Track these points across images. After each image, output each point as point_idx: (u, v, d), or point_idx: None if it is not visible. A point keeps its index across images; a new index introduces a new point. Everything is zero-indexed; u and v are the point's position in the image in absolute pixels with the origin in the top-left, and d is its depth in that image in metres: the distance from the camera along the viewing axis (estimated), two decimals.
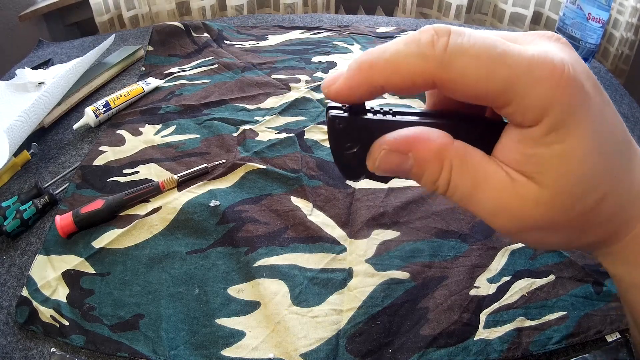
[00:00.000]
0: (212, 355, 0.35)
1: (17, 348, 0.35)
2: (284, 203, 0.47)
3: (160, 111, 0.61)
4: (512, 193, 0.17)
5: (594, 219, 0.18)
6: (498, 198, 0.18)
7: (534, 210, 0.17)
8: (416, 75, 0.17)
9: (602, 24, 0.68)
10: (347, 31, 0.85)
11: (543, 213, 0.18)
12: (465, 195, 0.18)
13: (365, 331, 0.36)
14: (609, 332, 0.35)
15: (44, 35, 0.98)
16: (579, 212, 0.18)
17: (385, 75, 0.17)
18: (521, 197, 0.17)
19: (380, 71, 0.17)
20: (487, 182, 0.18)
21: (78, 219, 0.43)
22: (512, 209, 0.18)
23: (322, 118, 0.59)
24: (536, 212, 0.18)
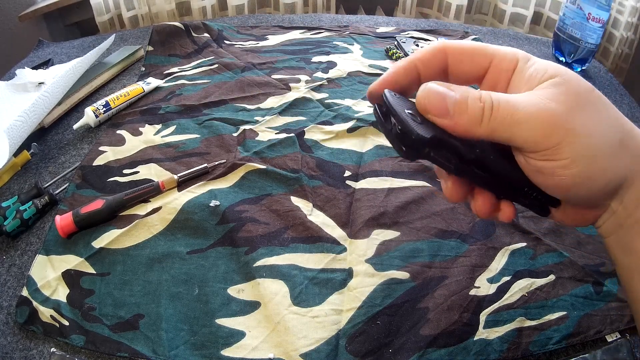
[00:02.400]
0: (212, 355, 0.35)
1: (17, 348, 0.35)
2: (284, 203, 0.47)
3: (160, 111, 0.61)
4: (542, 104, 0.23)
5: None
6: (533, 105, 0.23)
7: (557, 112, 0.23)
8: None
9: (602, 24, 0.68)
10: (347, 31, 0.85)
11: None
12: (506, 107, 0.23)
13: (365, 331, 0.36)
14: (609, 332, 0.35)
15: (44, 35, 0.98)
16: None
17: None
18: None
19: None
20: (519, 99, 0.23)
21: (78, 219, 0.43)
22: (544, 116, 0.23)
23: (322, 118, 0.59)
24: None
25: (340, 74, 0.69)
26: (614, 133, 0.23)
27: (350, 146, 0.55)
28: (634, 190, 0.24)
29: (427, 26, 0.90)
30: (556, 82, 0.23)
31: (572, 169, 0.23)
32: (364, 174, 0.50)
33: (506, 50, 0.26)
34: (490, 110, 0.23)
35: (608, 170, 0.23)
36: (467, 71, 0.27)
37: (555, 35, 0.78)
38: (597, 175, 0.23)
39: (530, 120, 0.22)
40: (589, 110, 0.23)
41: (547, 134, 0.22)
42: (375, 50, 0.77)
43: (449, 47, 0.27)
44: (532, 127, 0.22)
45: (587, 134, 0.22)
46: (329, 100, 0.63)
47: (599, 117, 0.23)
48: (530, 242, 0.43)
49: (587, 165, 0.23)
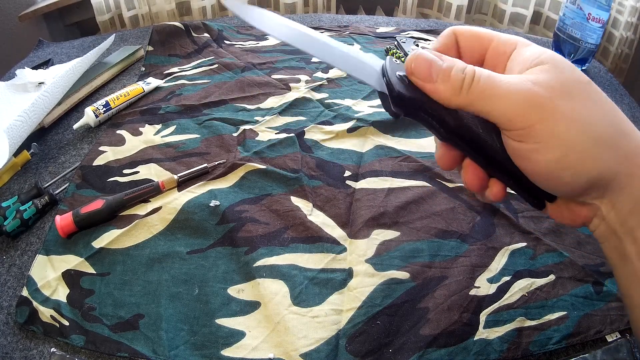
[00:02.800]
0: (212, 355, 0.35)
1: (17, 348, 0.35)
2: (284, 203, 0.47)
3: (160, 111, 0.61)
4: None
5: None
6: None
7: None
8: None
9: (602, 24, 0.68)
10: (347, 31, 0.85)
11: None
12: (487, 82, 0.23)
13: (365, 331, 0.36)
14: (609, 332, 0.35)
15: (44, 35, 0.98)
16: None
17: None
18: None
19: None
20: (503, 77, 0.24)
21: (78, 219, 0.43)
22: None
23: (322, 118, 0.59)
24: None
25: (340, 74, 0.69)
26: (602, 127, 0.23)
27: (350, 146, 0.55)
28: (626, 196, 0.23)
29: (427, 26, 0.90)
30: (545, 68, 0.23)
31: (545, 154, 0.22)
32: (364, 174, 0.50)
33: (507, 35, 0.27)
34: (471, 82, 0.24)
35: (588, 164, 0.22)
36: (472, 51, 0.28)
37: (555, 35, 0.78)
38: (574, 167, 0.23)
39: (508, 97, 0.23)
40: (576, 100, 0.23)
41: (522, 113, 0.22)
42: (375, 50, 0.77)
43: (457, 29, 0.28)
44: (509, 103, 0.23)
45: (566, 121, 0.22)
46: (329, 100, 0.63)
47: (586, 108, 0.23)
48: (530, 242, 0.43)
49: (563, 154, 0.22)
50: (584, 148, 0.22)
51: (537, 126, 0.22)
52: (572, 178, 0.23)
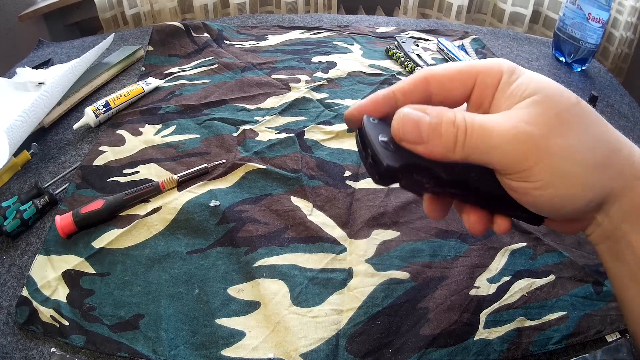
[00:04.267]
0: (212, 355, 0.35)
1: (17, 348, 0.35)
2: (284, 203, 0.47)
3: (160, 111, 0.61)
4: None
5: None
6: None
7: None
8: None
9: (602, 24, 0.68)
10: (347, 31, 0.85)
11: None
12: (480, 132, 0.23)
13: (365, 331, 0.36)
14: (609, 332, 0.35)
15: (44, 35, 0.98)
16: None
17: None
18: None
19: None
20: (495, 122, 0.23)
21: (78, 219, 0.43)
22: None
23: (322, 118, 0.59)
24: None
25: (340, 74, 0.69)
26: (596, 151, 0.23)
27: (350, 146, 0.55)
28: (619, 205, 0.24)
29: (427, 26, 0.90)
30: (535, 100, 0.23)
31: (546, 190, 0.23)
32: (364, 174, 0.50)
33: (491, 64, 0.26)
34: (464, 136, 0.23)
35: (587, 190, 0.23)
36: (453, 94, 0.26)
37: (555, 35, 0.78)
38: (575, 196, 0.23)
39: (504, 145, 0.22)
40: (569, 130, 0.23)
41: (521, 159, 0.22)
42: (375, 50, 0.77)
43: (430, 75, 0.26)
44: (506, 151, 0.22)
45: (563, 155, 0.22)
46: (329, 100, 0.63)
47: (579, 136, 0.23)
48: (530, 242, 0.43)
49: (563, 187, 0.23)
50: (580, 178, 0.23)
51: (535, 167, 0.22)
52: (573, 206, 0.23)
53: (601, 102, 0.67)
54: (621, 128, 0.61)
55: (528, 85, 0.24)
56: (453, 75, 0.26)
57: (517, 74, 0.25)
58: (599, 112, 0.68)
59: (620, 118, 0.64)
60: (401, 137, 0.23)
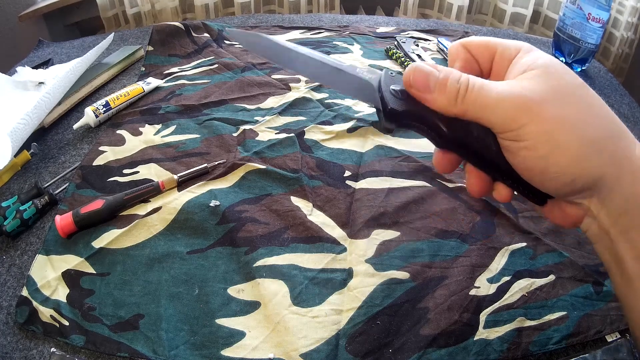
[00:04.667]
0: (212, 355, 0.35)
1: (17, 348, 0.36)
2: (284, 203, 0.47)
3: (160, 111, 0.61)
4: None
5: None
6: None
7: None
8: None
9: (602, 24, 0.68)
10: (347, 31, 0.85)
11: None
12: (479, 91, 0.25)
13: (365, 331, 0.36)
14: (609, 332, 0.35)
15: (44, 35, 0.98)
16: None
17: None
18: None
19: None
20: (495, 85, 0.25)
21: (78, 219, 0.43)
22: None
23: (322, 118, 0.59)
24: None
25: None
26: (592, 130, 0.24)
27: (350, 146, 0.55)
28: (615, 196, 0.24)
29: (427, 26, 0.90)
30: (538, 73, 0.25)
31: (534, 151, 0.24)
32: (364, 174, 0.50)
33: (511, 42, 0.28)
34: (465, 91, 0.25)
35: (577, 163, 0.23)
36: (483, 59, 0.29)
37: (555, 35, 0.78)
38: (560, 165, 0.24)
39: (500, 104, 0.24)
40: (566, 103, 0.24)
41: (513, 117, 0.24)
42: (375, 50, 0.77)
43: (465, 42, 0.30)
44: (501, 110, 0.24)
45: (555, 122, 0.23)
46: (329, 100, 0.63)
47: (577, 111, 0.24)
48: (530, 242, 0.43)
49: (550, 152, 0.23)
50: (571, 148, 0.23)
51: (526, 127, 0.24)
52: (558, 175, 0.24)
53: None
54: None
55: (535, 60, 0.26)
56: (480, 43, 0.29)
57: (532, 52, 0.27)
58: None
59: (620, 118, 0.63)
60: (411, 84, 0.26)
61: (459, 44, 0.30)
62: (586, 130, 0.23)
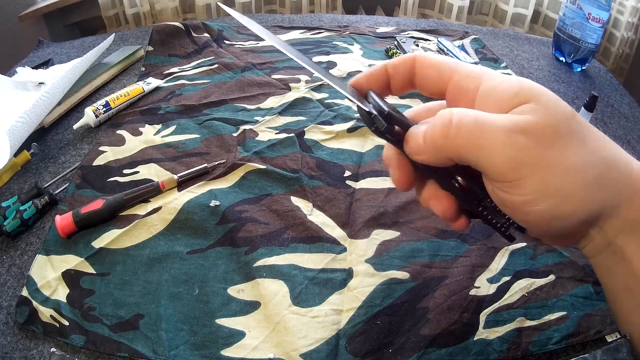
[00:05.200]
0: (212, 355, 0.35)
1: (17, 348, 0.35)
2: (284, 203, 0.47)
3: (160, 111, 0.61)
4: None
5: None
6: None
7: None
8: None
9: (602, 24, 0.68)
10: (347, 31, 0.85)
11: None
12: (474, 129, 0.22)
13: (365, 331, 0.36)
14: (609, 332, 0.35)
15: (44, 35, 0.98)
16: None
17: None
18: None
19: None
20: (490, 119, 0.22)
21: (78, 219, 0.43)
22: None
23: (322, 118, 0.59)
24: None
25: (340, 74, 0.69)
26: (593, 167, 0.22)
27: (350, 146, 0.55)
28: (614, 220, 0.23)
29: (427, 26, 0.90)
30: (532, 108, 0.22)
31: (537, 206, 0.21)
32: (364, 174, 0.50)
33: (470, 69, 0.25)
34: (457, 128, 0.22)
35: (583, 207, 0.22)
36: (430, 83, 0.27)
37: (555, 35, 0.78)
38: (567, 214, 0.22)
39: (497, 148, 0.21)
40: (565, 144, 0.22)
41: (513, 167, 0.21)
42: (375, 50, 0.77)
43: (418, 57, 0.27)
44: (498, 155, 0.21)
45: (559, 170, 0.21)
46: (329, 100, 0.63)
47: (575, 151, 0.22)
48: (530, 242, 0.43)
49: (555, 205, 0.21)
50: (576, 195, 0.22)
51: (528, 179, 0.21)
52: (563, 224, 0.22)
53: (601, 102, 0.67)
54: (621, 128, 0.61)
55: (518, 90, 0.23)
56: (434, 64, 0.26)
57: (501, 79, 0.24)
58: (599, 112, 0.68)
59: (620, 118, 0.64)
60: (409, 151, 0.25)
61: (410, 58, 0.27)
62: (587, 172, 0.22)
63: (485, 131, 0.22)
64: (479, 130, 0.22)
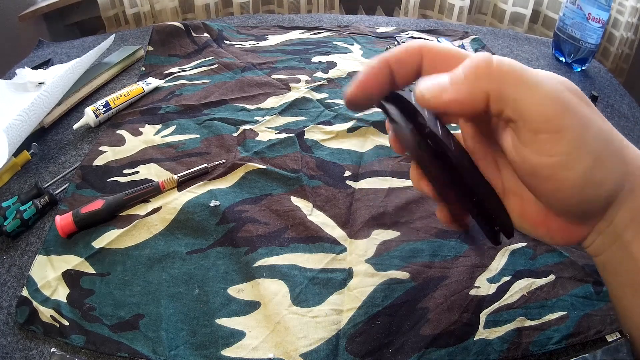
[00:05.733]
0: (212, 355, 0.35)
1: (17, 348, 0.35)
2: (284, 203, 0.47)
3: (160, 111, 0.61)
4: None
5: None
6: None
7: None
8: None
9: (602, 24, 0.68)
10: (347, 31, 0.85)
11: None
12: (512, 65, 0.20)
13: (365, 331, 0.36)
14: (609, 332, 0.35)
15: (44, 35, 0.98)
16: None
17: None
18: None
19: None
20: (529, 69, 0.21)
21: (78, 219, 0.43)
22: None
23: (322, 118, 0.59)
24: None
25: (340, 74, 0.69)
26: (614, 137, 0.22)
27: (350, 146, 0.55)
28: (624, 211, 0.22)
29: (427, 26, 0.90)
30: (560, 80, 0.22)
31: (572, 169, 0.20)
32: (364, 174, 0.50)
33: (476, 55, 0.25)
34: (495, 64, 0.20)
35: (610, 176, 0.21)
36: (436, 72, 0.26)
37: (555, 35, 0.78)
38: (600, 180, 0.21)
39: (540, 88, 0.20)
40: (592, 110, 0.22)
41: (558, 110, 0.20)
42: (375, 50, 0.77)
43: (424, 48, 0.25)
44: (542, 96, 0.20)
45: (593, 130, 0.20)
46: (329, 100, 0.63)
47: (599, 122, 0.22)
48: (530, 242, 0.43)
49: (590, 167, 0.20)
50: (608, 160, 0.21)
51: (567, 132, 0.20)
52: (595, 193, 0.21)
53: (601, 102, 0.67)
54: (621, 128, 0.61)
55: (537, 72, 0.22)
56: (443, 55, 0.25)
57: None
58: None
59: (620, 118, 0.64)
60: (423, 94, 0.23)
61: (414, 49, 0.25)
62: (612, 141, 0.21)
63: (530, 71, 0.20)
64: (523, 69, 0.20)
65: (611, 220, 0.23)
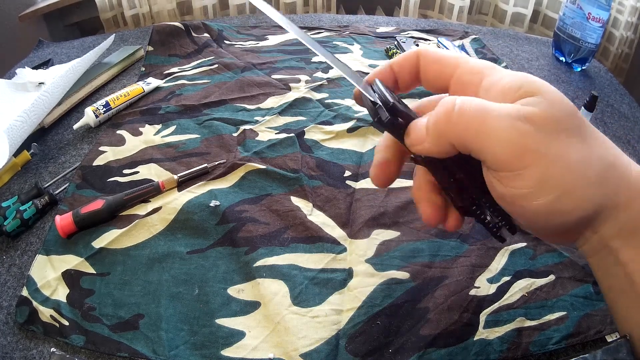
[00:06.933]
0: (212, 355, 0.35)
1: (17, 348, 0.36)
2: (284, 203, 0.47)
3: (160, 111, 0.61)
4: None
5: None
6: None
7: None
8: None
9: (602, 23, 0.68)
10: (347, 31, 0.85)
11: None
12: (477, 111, 0.22)
13: (365, 331, 0.36)
14: (609, 332, 0.35)
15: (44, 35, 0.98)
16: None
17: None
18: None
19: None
20: (493, 106, 0.22)
21: (78, 219, 0.43)
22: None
23: (322, 118, 0.59)
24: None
25: (340, 74, 0.69)
26: (592, 165, 0.21)
27: (350, 146, 0.55)
28: (611, 223, 0.22)
29: (427, 26, 0.90)
30: (537, 101, 0.22)
31: (537, 200, 0.21)
32: (364, 174, 0.50)
33: (473, 64, 0.25)
34: (459, 113, 0.22)
35: (579, 205, 0.21)
36: (434, 78, 0.27)
37: (555, 35, 0.78)
38: (566, 210, 0.21)
39: (500, 133, 0.21)
40: (567, 139, 0.21)
41: (517, 154, 0.21)
42: (375, 50, 0.77)
43: (421, 52, 0.27)
44: (502, 141, 0.21)
45: (560, 165, 0.21)
46: (329, 100, 0.63)
47: (577, 146, 0.21)
48: (530, 242, 0.43)
49: (555, 199, 0.21)
50: (576, 191, 0.21)
51: (529, 170, 0.21)
52: (561, 221, 0.22)
53: (601, 102, 0.67)
54: (621, 128, 0.61)
55: (522, 83, 0.23)
56: (437, 59, 0.27)
57: (503, 73, 0.24)
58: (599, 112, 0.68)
59: (620, 118, 0.64)
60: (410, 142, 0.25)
61: (414, 53, 0.27)
62: (588, 170, 0.21)
63: (489, 116, 0.21)
64: (483, 116, 0.21)
65: (597, 231, 0.23)
